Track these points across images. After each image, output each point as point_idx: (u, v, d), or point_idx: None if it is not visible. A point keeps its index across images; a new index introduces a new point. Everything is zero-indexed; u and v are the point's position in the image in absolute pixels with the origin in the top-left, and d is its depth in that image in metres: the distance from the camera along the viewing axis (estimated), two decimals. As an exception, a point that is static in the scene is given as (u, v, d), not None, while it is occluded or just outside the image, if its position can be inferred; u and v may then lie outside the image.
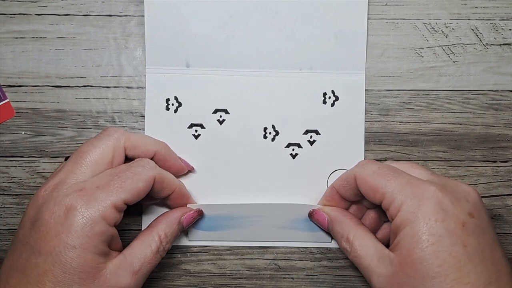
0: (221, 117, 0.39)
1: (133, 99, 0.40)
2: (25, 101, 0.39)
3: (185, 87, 0.39)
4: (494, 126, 0.40)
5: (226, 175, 0.39)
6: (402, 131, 0.40)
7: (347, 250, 0.35)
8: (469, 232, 0.30)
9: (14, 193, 0.39)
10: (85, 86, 0.40)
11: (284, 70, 0.39)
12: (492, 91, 0.40)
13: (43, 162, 0.39)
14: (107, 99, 0.40)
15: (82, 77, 0.40)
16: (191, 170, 0.39)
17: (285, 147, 0.40)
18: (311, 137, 0.40)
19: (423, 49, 0.40)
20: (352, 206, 0.38)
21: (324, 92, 0.40)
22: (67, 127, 0.39)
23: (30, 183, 0.39)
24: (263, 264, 0.40)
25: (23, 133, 0.39)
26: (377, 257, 0.33)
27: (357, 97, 0.40)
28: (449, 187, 0.32)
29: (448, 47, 0.40)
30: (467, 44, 0.40)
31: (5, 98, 0.39)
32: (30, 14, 0.39)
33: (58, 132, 0.39)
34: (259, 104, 0.40)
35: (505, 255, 0.31)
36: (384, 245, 0.33)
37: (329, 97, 0.40)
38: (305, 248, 0.40)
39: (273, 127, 0.40)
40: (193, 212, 0.37)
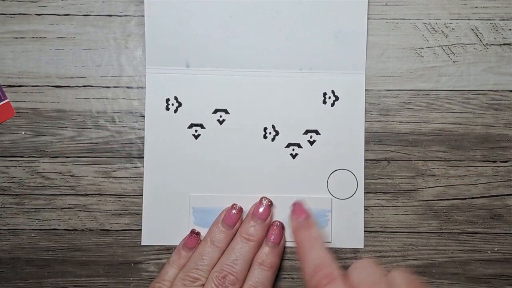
0: (221, 117, 0.39)
1: (133, 99, 0.40)
2: (25, 101, 0.39)
3: (185, 87, 0.39)
4: (494, 126, 0.40)
5: (226, 175, 0.39)
6: (402, 131, 0.40)
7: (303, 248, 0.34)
8: None
9: (14, 193, 0.39)
10: (85, 86, 0.40)
11: (284, 70, 0.39)
12: (492, 91, 0.40)
13: (43, 162, 0.39)
14: (107, 99, 0.40)
15: (82, 77, 0.40)
16: None
17: (285, 147, 0.40)
18: (311, 137, 0.40)
19: (423, 49, 0.40)
20: None
21: (324, 92, 0.40)
22: (67, 127, 0.39)
23: (30, 183, 0.39)
24: (263, 264, 0.40)
25: (23, 133, 0.39)
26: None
27: (357, 97, 0.40)
28: None
29: (448, 47, 0.40)
30: (467, 44, 0.40)
31: (5, 98, 0.39)
32: (30, 14, 0.39)
33: (58, 132, 0.39)
34: (259, 104, 0.40)
35: None
36: None
37: (329, 97, 0.40)
38: (305, 248, 0.40)
39: (273, 127, 0.40)
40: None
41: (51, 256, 0.40)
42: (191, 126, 0.39)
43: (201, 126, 0.39)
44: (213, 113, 0.39)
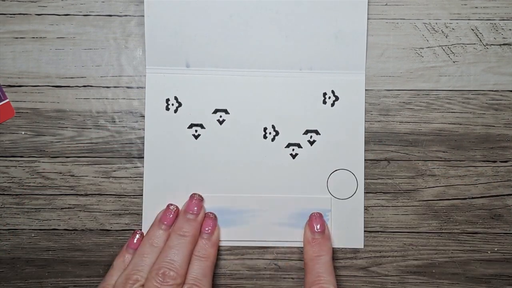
0: (221, 117, 0.39)
1: (133, 99, 0.40)
2: (25, 101, 0.39)
3: (185, 87, 0.39)
4: (494, 126, 0.40)
5: (226, 175, 0.39)
6: (402, 131, 0.40)
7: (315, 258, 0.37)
8: None
9: (14, 193, 0.39)
10: (85, 86, 0.40)
11: (284, 70, 0.39)
12: (492, 91, 0.40)
13: (43, 162, 0.39)
14: (107, 99, 0.40)
15: (82, 77, 0.40)
16: None
17: (285, 147, 0.40)
18: (311, 137, 0.40)
19: (423, 49, 0.40)
20: None
21: (324, 92, 0.40)
22: (67, 127, 0.39)
23: (30, 183, 0.39)
24: (263, 264, 0.40)
25: (23, 133, 0.39)
26: None
27: (357, 97, 0.40)
28: None
29: (448, 47, 0.40)
30: (467, 44, 0.40)
31: (5, 98, 0.39)
32: (30, 14, 0.39)
33: (58, 132, 0.39)
34: (259, 104, 0.40)
35: None
36: None
37: (329, 97, 0.40)
38: (305, 248, 0.40)
39: (273, 127, 0.40)
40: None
41: (51, 256, 0.40)
42: (191, 126, 0.39)
43: (201, 126, 0.39)
44: (213, 113, 0.39)
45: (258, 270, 0.40)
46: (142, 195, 0.39)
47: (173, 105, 0.39)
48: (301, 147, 0.40)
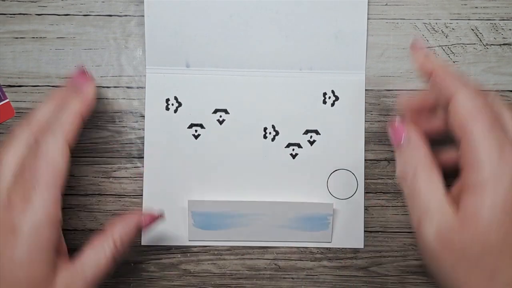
0: (221, 117, 0.39)
1: (133, 99, 0.40)
2: (25, 101, 0.39)
3: (185, 87, 0.39)
4: (494, 126, 0.40)
5: (226, 176, 0.39)
6: (402, 131, 0.40)
7: (407, 177, 0.31)
8: None
9: (14, 193, 0.39)
10: (85, 86, 0.40)
11: (284, 70, 0.39)
12: (492, 91, 0.40)
13: (43, 162, 0.39)
14: (107, 99, 0.40)
15: (82, 77, 0.39)
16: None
17: (285, 147, 0.40)
18: (311, 137, 0.40)
19: (423, 49, 0.40)
20: None
21: (324, 92, 0.40)
22: (67, 127, 0.39)
23: (30, 183, 0.39)
24: (263, 264, 0.40)
25: (23, 133, 0.39)
26: (438, 202, 0.28)
27: (357, 97, 0.40)
28: None
29: (448, 47, 0.40)
30: (467, 44, 0.40)
31: (5, 98, 0.39)
32: (30, 14, 0.39)
33: (58, 132, 0.39)
34: (259, 104, 0.40)
35: None
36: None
37: (329, 97, 0.40)
38: (305, 248, 0.40)
39: (273, 127, 0.40)
40: (153, 214, 0.36)
41: (51, 256, 0.40)
42: (191, 126, 0.39)
43: (201, 126, 0.39)
44: (213, 113, 0.39)
45: (258, 270, 0.40)
46: (142, 195, 0.39)
47: (173, 105, 0.39)
48: (301, 147, 0.40)
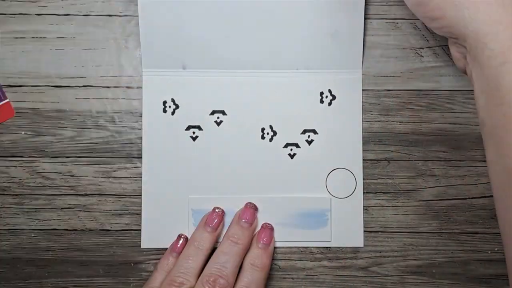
0: (218, 118, 0.39)
1: (133, 99, 0.40)
2: (25, 101, 0.39)
3: (182, 89, 0.39)
4: (494, 126, 0.40)
5: (224, 177, 0.39)
6: (402, 131, 0.40)
7: None
8: None
9: (14, 193, 0.39)
10: (85, 86, 0.40)
11: (281, 70, 0.39)
12: (492, 91, 0.40)
13: (43, 162, 0.39)
14: (107, 99, 0.40)
15: (82, 77, 0.40)
16: None
17: (283, 147, 0.40)
18: (309, 136, 0.40)
19: (423, 49, 0.40)
20: None
21: (321, 91, 0.40)
22: (67, 127, 0.39)
23: (30, 183, 0.39)
24: (262, 264, 0.40)
25: (23, 133, 0.39)
26: None
27: (354, 96, 0.40)
28: None
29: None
30: (467, 44, 0.40)
31: (5, 98, 0.39)
32: (30, 14, 0.39)
33: (58, 132, 0.39)
34: (257, 104, 0.39)
35: None
36: None
37: (326, 96, 0.40)
38: (305, 248, 0.40)
39: (270, 127, 0.40)
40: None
41: (51, 256, 0.40)
42: (188, 128, 0.39)
43: (199, 127, 0.39)
44: (210, 115, 0.39)
45: (257, 270, 0.40)
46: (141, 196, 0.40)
47: (170, 107, 0.39)
48: (299, 147, 0.40)
